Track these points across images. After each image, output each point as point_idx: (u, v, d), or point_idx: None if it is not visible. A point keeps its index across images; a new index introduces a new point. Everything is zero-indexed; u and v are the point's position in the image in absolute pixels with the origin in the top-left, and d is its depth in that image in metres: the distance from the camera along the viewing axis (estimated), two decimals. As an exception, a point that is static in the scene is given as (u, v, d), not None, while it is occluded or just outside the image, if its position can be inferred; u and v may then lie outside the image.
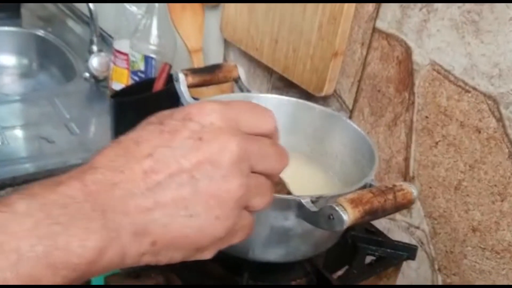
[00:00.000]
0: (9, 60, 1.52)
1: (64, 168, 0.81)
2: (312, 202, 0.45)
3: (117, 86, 1.09)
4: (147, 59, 1.01)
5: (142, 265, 0.29)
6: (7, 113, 1.05)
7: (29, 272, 0.24)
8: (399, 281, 0.71)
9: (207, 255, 0.31)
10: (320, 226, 0.43)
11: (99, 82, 1.23)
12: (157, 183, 0.28)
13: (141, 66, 1.02)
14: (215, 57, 1.03)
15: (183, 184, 0.28)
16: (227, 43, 0.99)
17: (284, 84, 0.86)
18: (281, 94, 0.86)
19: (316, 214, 0.43)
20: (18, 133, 0.99)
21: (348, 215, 0.40)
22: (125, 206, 0.27)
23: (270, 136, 0.33)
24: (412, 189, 0.45)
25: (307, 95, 0.78)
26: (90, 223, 0.26)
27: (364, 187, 0.49)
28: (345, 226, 0.41)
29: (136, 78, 1.04)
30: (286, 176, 0.66)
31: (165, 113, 0.31)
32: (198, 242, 0.29)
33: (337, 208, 0.41)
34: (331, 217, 0.41)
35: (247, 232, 0.33)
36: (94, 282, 0.67)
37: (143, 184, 0.27)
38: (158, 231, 0.28)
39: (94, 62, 1.21)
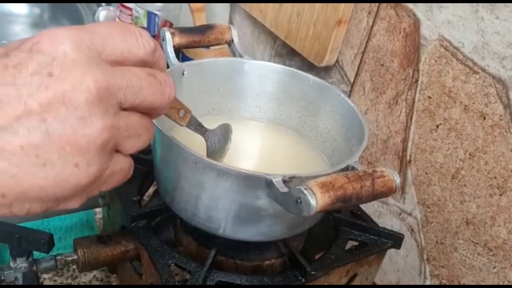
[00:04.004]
0: (21, 9, 1.50)
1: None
2: (284, 181, 0.41)
3: (120, 41, 1.05)
4: (150, 15, 0.97)
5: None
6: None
7: None
8: (386, 268, 0.68)
9: (73, 204, 0.28)
10: (288, 209, 0.39)
11: (105, 36, 1.19)
12: (0, 128, 0.23)
13: (144, 23, 0.98)
14: (220, 19, 0.98)
15: (33, 128, 0.24)
16: (233, 5, 0.94)
17: (287, 52, 0.81)
18: (283, 62, 0.81)
19: (285, 195, 0.40)
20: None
21: (316, 201, 0.37)
22: None
23: (146, 64, 0.28)
24: (394, 177, 0.41)
25: (309, 66, 0.74)
26: None
27: (346, 169, 0.45)
28: (312, 212, 0.37)
29: (139, 35, 1.00)
30: (274, 150, 0.63)
31: (15, 42, 0.25)
32: (57, 193, 0.26)
33: (305, 192, 0.37)
34: (299, 201, 0.37)
35: (125, 176, 0.29)
36: (61, 246, 0.66)
37: None
38: (6, 182, 0.24)
39: (101, 15, 1.18)
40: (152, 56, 0.29)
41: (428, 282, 0.62)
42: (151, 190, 0.64)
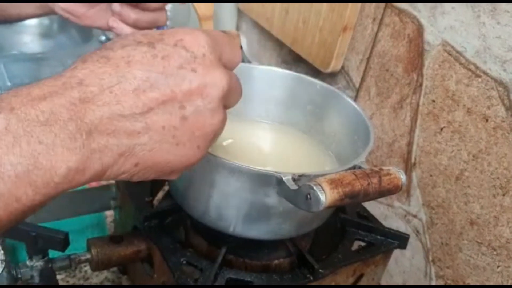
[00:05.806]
0: (31, 19, 1.52)
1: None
2: (294, 180, 0.43)
3: (129, 50, 1.07)
4: (158, 24, 0.99)
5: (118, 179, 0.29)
6: (18, 71, 1.05)
7: (9, 190, 0.24)
8: (392, 270, 0.69)
9: (175, 176, 0.32)
10: (298, 206, 0.41)
11: (114, 46, 1.21)
12: (149, 109, 0.27)
13: (152, 31, 1.00)
14: (227, 27, 1.00)
15: (174, 113, 0.28)
16: (240, 13, 0.96)
17: (293, 59, 0.83)
18: (290, 69, 0.83)
19: (295, 192, 0.41)
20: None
21: (325, 196, 0.38)
22: (113, 127, 0.27)
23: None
24: (400, 175, 0.42)
25: (315, 72, 0.75)
26: (73, 143, 0.25)
27: (353, 168, 0.47)
28: (321, 207, 0.38)
29: (147, 44, 1.02)
30: (283, 151, 0.64)
31: (155, 34, 0.29)
32: (176, 168, 0.30)
33: (314, 188, 0.38)
34: (309, 196, 0.39)
35: (220, 131, 0.34)
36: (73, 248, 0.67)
37: (135, 107, 0.27)
38: (143, 154, 0.28)
39: (110, 25, 1.20)
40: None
41: (433, 283, 0.63)
42: (160, 194, 0.65)
